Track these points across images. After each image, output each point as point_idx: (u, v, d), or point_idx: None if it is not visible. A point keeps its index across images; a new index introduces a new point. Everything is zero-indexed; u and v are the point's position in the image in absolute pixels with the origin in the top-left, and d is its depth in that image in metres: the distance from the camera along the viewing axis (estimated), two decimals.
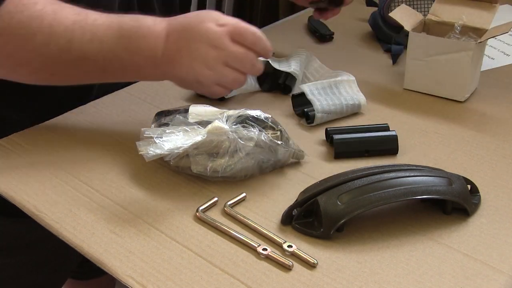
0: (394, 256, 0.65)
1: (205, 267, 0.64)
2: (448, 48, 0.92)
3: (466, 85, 0.93)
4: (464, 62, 0.92)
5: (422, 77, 0.96)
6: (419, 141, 0.85)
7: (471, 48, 0.91)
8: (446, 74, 0.94)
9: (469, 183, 0.74)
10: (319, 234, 0.67)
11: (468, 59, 0.91)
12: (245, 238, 0.67)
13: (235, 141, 0.73)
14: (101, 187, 0.75)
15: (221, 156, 0.73)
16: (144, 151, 0.71)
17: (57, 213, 0.70)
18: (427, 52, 0.94)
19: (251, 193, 0.74)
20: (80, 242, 0.67)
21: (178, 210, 0.71)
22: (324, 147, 0.84)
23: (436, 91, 0.96)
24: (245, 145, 0.73)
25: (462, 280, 0.62)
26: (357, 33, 1.19)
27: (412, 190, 0.68)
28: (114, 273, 0.63)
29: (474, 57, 0.91)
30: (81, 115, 0.89)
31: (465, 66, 0.92)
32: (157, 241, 0.67)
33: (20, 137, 0.84)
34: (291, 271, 0.63)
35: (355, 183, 0.69)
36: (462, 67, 0.92)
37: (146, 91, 0.96)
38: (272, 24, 1.28)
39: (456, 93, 0.95)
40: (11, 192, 0.74)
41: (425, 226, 0.69)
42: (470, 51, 0.91)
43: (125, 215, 0.70)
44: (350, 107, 0.89)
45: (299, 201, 0.70)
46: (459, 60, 0.92)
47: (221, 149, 0.73)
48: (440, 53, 0.93)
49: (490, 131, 0.88)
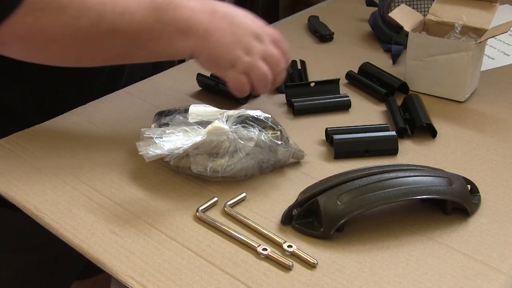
0: (394, 256, 0.65)
1: (205, 267, 0.64)
2: (447, 48, 0.92)
3: (466, 85, 0.93)
4: (464, 62, 0.92)
5: (422, 78, 0.96)
6: (419, 141, 0.85)
7: (470, 48, 0.91)
8: (446, 74, 0.94)
9: (469, 183, 0.74)
10: (319, 234, 0.67)
11: (468, 59, 0.91)
12: (245, 238, 0.67)
13: (235, 141, 0.73)
14: (101, 187, 0.75)
15: (221, 156, 0.73)
16: (144, 151, 0.71)
17: (57, 213, 0.70)
18: (427, 52, 0.94)
19: (251, 193, 0.74)
20: (80, 242, 0.67)
21: (178, 210, 0.71)
22: (324, 147, 0.84)
23: (436, 91, 0.96)
24: (245, 145, 0.73)
25: (462, 280, 0.62)
26: (357, 33, 1.19)
27: (412, 190, 0.68)
28: (114, 273, 0.63)
29: (474, 57, 0.91)
30: (81, 115, 0.89)
31: (465, 66, 0.92)
32: (157, 241, 0.67)
33: (20, 137, 0.84)
34: (291, 271, 0.63)
35: (355, 183, 0.69)
36: (462, 67, 0.92)
37: (146, 91, 0.96)
38: (272, 24, 1.27)
39: (456, 93, 0.95)
40: (11, 192, 0.74)
41: (425, 226, 0.69)
42: (470, 51, 0.90)
43: (125, 215, 0.70)
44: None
45: (299, 201, 0.70)
46: (458, 60, 0.92)
47: (221, 149, 0.73)
48: (440, 53, 0.93)
49: (490, 131, 0.88)
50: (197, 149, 0.73)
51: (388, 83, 0.97)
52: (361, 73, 1.01)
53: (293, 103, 0.91)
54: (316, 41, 1.16)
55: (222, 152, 0.73)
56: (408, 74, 0.98)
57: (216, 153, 0.73)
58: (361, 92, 0.98)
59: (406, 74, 0.98)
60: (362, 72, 1.01)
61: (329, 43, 1.15)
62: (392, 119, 0.89)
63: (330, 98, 0.93)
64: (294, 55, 1.07)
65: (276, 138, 0.76)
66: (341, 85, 0.97)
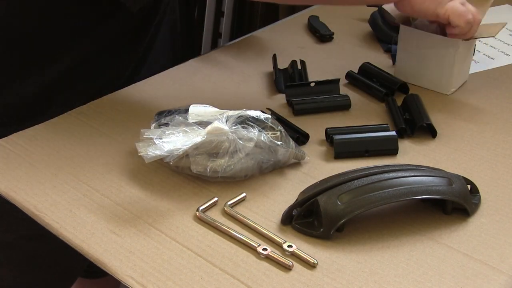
0: (394, 256, 0.65)
1: (205, 267, 0.64)
2: (435, 43, 0.94)
3: (452, 79, 0.96)
4: (450, 58, 0.94)
5: (411, 68, 0.98)
6: (419, 141, 0.85)
7: (458, 45, 0.92)
8: (433, 67, 0.96)
9: (469, 183, 0.74)
10: (319, 234, 0.67)
11: (454, 56, 0.93)
12: (245, 238, 0.67)
13: (234, 142, 0.73)
14: (101, 187, 0.75)
15: (221, 157, 0.73)
16: (143, 152, 0.71)
17: (57, 213, 0.70)
18: (416, 45, 0.96)
19: (251, 193, 0.74)
20: (80, 242, 0.67)
21: (178, 210, 0.71)
22: (324, 147, 0.84)
23: (424, 83, 0.98)
24: (245, 145, 0.73)
25: (462, 280, 0.62)
26: (357, 33, 1.19)
27: (412, 190, 0.68)
28: (114, 273, 0.63)
29: (461, 54, 0.93)
30: (81, 115, 0.89)
31: (451, 62, 0.94)
32: (157, 241, 0.67)
33: (20, 137, 0.84)
34: (291, 271, 0.63)
35: (355, 183, 0.69)
36: (449, 63, 0.94)
37: (146, 91, 0.96)
38: (272, 24, 1.28)
39: (443, 86, 0.96)
40: (11, 192, 0.74)
41: (425, 226, 0.69)
42: (457, 48, 0.92)
43: (125, 215, 0.71)
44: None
45: (299, 201, 0.70)
46: (445, 56, 0.94)
47: (221, 149, 0.73)
48: (428, 47, 0.95)
49: (490, 131, 0.88)
50: (197, 150, 0.73)
51: (388, 83, 0.97)
52: (361, 73, 1.01)
53: (293, 103, 0.91)
54: (316, 41, 1.16)
55: (222, 152, 0.73)
56: (398, 64, 1.00)
57: (216, 153, 0.73)
58: (361, 92, 0.98)
59: (397, 64, 1.00)
60: (362, 72, 1.01)
61: (329, 43, 1.15)
62: (392, 119, 0.89)
63: (330, 98, 0.93)
64: (294, 55, 1.07)
65: (276, 139, 0.76)
66: (341, 85, 0.97)
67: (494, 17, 0.99)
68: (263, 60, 1.07)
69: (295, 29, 1.21)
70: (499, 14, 0.98)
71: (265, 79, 1.02)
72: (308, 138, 0.84)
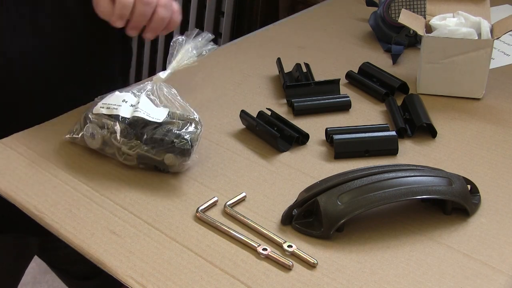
0: (394, 256, 0.65)
1: (205, 267, 0.64)
2: (466, 47, 0.92)
3: (484, 81, 0.94)
4: (483, 59, 0.92)
5: (438, 80, 0.96)
6: (419, 141, 0.85)
7: (489, 45, 0.91)
8: (464, 73, 0.94)
9: (469, 183, 0.74)
10: (319, 234, 0.67)
11: (486, 56, 0.92)
12: (245, 238, 0.67)
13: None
14: (101, 187, 0.75)
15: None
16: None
17: (57, 213, 0.70)
18: (444, 54, 0.93)
19: (251, 193, 0.74)
20: (80, 242, 0.67)
21: (178, 210, 0.71)
22: (324, 147, 0.84)
23: (453, 91, 0.96)
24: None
25: (462, 280, 0.62)
26: (357, 33, 1.19)
27: (412, 190, 0.68)
28: (114, 273, 0.63)
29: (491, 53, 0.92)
30: (81, 115, 0.89)
31: (484, 63, 0.92)
32: (157, 241, 0.67)
33: (20, 137, 0.84)
34: (291, 271, 0.63)
35: (355, 183, 0.69)
36: (482, 65, 0.93)
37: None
38: (272, 24, 1.28)
39: (475, 90, 0.95)
40: (11, 192, 0.74)
41: (425, 226, 0.69)
42: (489, 48, 0.91)
43: (125, 215, 0.71)
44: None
45: (299, 201, 0.70)
46: (477, 58, 0.92)
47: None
48: (458, 53, 0.93)
49: (490, 131, 0.88)
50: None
51: (388, 83, 0.97)
52: (361, 73, 1.01)
53: (293, 103, 0.91)
54: (316, 41, 1.16)
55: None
56: (424, 78, 0.96)
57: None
58: (361, 92, 0.98)
59: (422, 78, 0.97)
60: (362, 72, 1.01)
61: (329, 43, 1.15)
62: (392, 119, 0.89)
63: (330, 98, 0.93)
64: (295, 55, 1.07)
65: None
66: (341, 85, 0.97)
67: (494, 17, 0.99)
68: (263, 60, 1.07)
69: (295, 29, 1.21)
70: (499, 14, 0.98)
71: (265, 79, 1.02)
72: (308, 138, 0.84)
